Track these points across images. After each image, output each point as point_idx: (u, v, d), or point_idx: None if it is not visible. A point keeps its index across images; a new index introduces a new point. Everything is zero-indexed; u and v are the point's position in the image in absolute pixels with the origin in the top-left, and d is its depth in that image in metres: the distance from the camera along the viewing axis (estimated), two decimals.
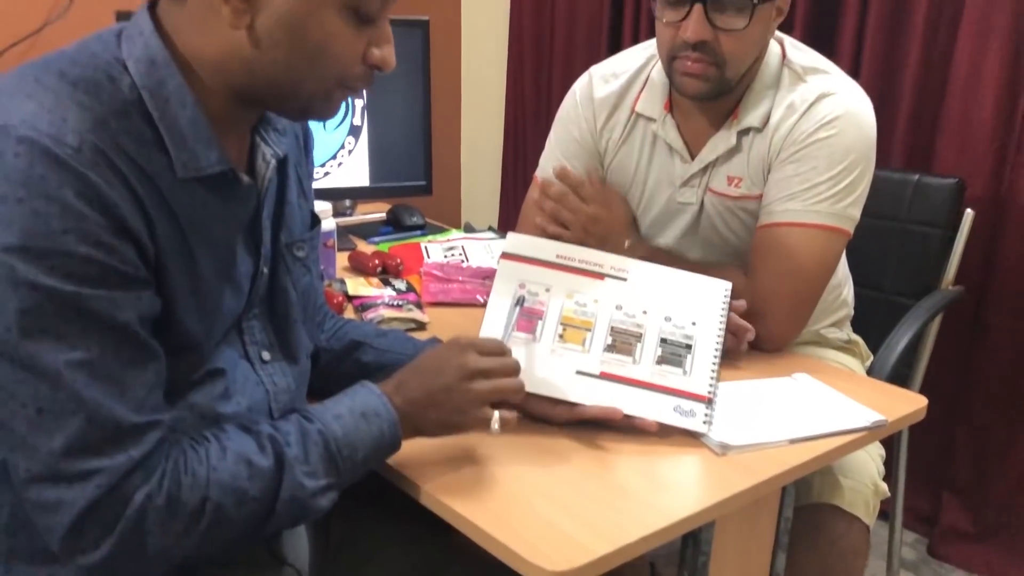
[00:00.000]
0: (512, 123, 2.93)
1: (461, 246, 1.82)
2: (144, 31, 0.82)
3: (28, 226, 0.71)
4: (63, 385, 0.74)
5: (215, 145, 0.84)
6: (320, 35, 0.81)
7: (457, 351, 0.97)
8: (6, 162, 0.71)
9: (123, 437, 0.77)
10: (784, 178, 1.32)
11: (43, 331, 0.73)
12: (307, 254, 1.01)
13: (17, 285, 0.71)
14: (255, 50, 0.81)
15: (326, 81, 0.85)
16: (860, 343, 1.59)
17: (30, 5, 2.07)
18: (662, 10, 1.30)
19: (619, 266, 1.20)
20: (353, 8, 0.82)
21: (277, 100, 0.87)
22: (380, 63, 0.86)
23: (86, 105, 0.76)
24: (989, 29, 1.82)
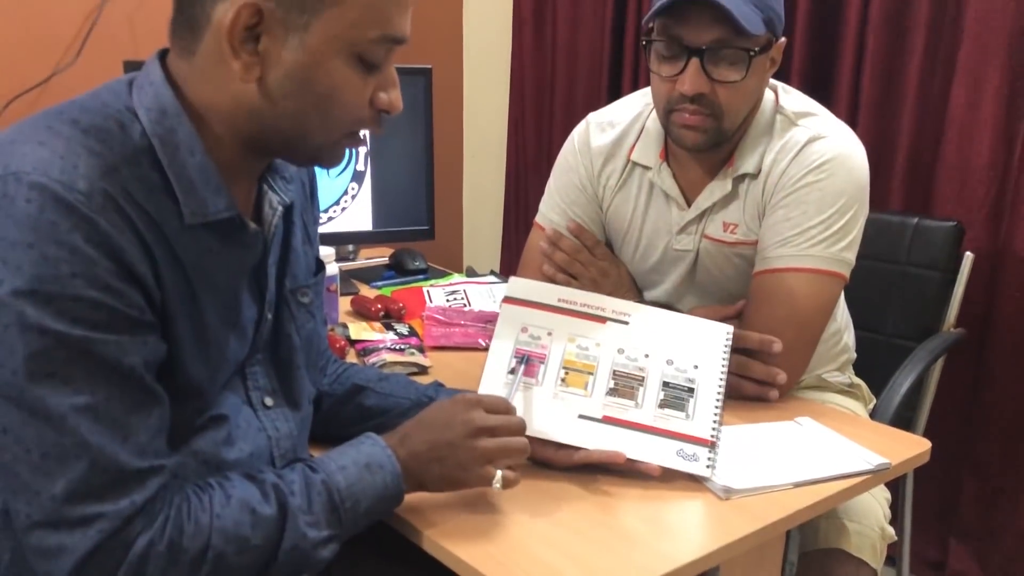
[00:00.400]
0: (513, 168, 2.95)
1: (463, 290, 1.83)
2: (155, 81, 0.84)
3: (38, 271, 0.72)
4: (68, 430, 0.74)
5: (223, 192, 0.85)
6: (328, 85, 0.83)
7: (463, 407, 0.98)
8: (17, 208, 0.73)
9: (126, 482, 0.77)
10: (776, 223, 1.33)
11: (50, 375, 0.73)
12: (311, 300, 1.02)
13: (26, 329, 0.72)
14: (265, 102, 0.83)
15: (335, 129, 0.87)
16: (862, 386, 1.58)
17: (38, 55, 2.10)
18: (658, 64, 1.31)
19: (621, 310, 1.20)
20: (359, 56, 0.83)
21: (286, 149, 0.88)
22: (388, 107, 0.88)
23: (97, 152, 0.77)
24: (984, 73, 1.85)
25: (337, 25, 0.81)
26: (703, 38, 1.25)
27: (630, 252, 1.51)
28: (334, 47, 0.82)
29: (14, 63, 2.07)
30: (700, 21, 1.24)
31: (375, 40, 0.83)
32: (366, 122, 0.88)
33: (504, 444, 0.98)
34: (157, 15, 2.41)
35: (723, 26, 1.23)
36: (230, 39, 0.80)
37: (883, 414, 1.49)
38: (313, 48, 0.81)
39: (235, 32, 0.79)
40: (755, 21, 1.24)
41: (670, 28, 1.27)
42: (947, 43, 1.91)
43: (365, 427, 1.12)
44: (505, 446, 0.98)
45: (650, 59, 1.33)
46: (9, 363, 0.73)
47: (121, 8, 2.18)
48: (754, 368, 1.28)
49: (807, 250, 1.30)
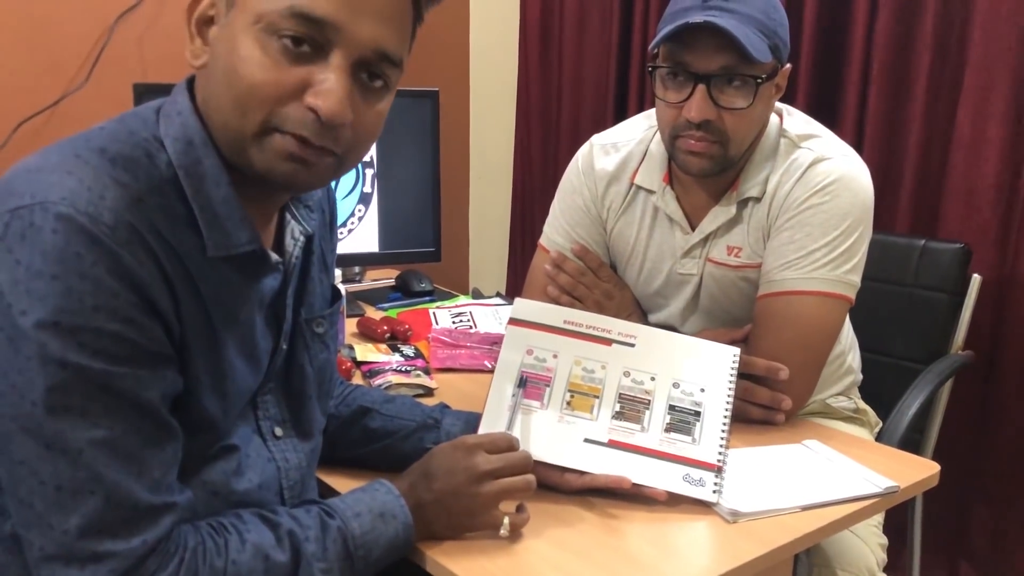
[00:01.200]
0: (520, 191, 2.96)
1: (469, 312, 1.83)
2: (182, 110, 0.83)
3: (61, 303, 0.72)
4: (84, 464, 0.74)
5: (247, 224, 0.84)
6: (233, 59, 0.78)
7: (464, 453, 0.98)
8: (43, 238, 0.72)
9: (139, 519, 0.76)
10: (780, 245, 1.33)
11: (68, 409, 0.73)
12: (326, 330, 1.01)
13: (47, 362, 0.72)
14: (205, 79, 0.83)
15: (248, 112, 0.78)
16: (868, 412, 1.57)
17: (49, 77, 2.12)
18: (664, 90, 1.31)
19: (627, 332, 1.20)
20: (275, 33, 0.77)
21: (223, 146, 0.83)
22: (313, 106, 0.78)
23: (123, 182, 0.77)
24: (990, 96, 1.85)
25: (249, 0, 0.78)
26: (710, 65, 1.25)
27: (634, 275, 1.51)
28: (245, 18, 0.78)
29: (25, 86, 2.09)
30: (707, 48, 1.24)
31: (282, 13, 0.76)
32: (291, 119, 0.78)
33: (509, 485, 0.97)
34: (166, 38, 2.44)
35: (730, 53, 1.23)
36: (188, 24, 0.81)
37: (891, 437, 1.48)
38: (232, 24, 0.79)
39: (192, 15, 0.81)
40: (762, 49, 1.24)
41: (676, 55, 1.27)
42: (952, 66, 1.92)
43: (371, 449, 1.13)
44: (510, 487, 0.97)
45: (655, 85, 1.33)
46: (29, 395, 0.73)
47: (130, 31, 2.20)
48: (760, 394, 1.28)
49: (812, 273, 1.30)
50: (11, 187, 0.76)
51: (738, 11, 1.23)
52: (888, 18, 1.96)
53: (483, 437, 1.01)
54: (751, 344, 1.32)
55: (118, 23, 2.17)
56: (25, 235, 0.72)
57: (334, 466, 1.12)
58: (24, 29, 2.08)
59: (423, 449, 1.11)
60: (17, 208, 0.73)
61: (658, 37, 1.28)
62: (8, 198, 0.75)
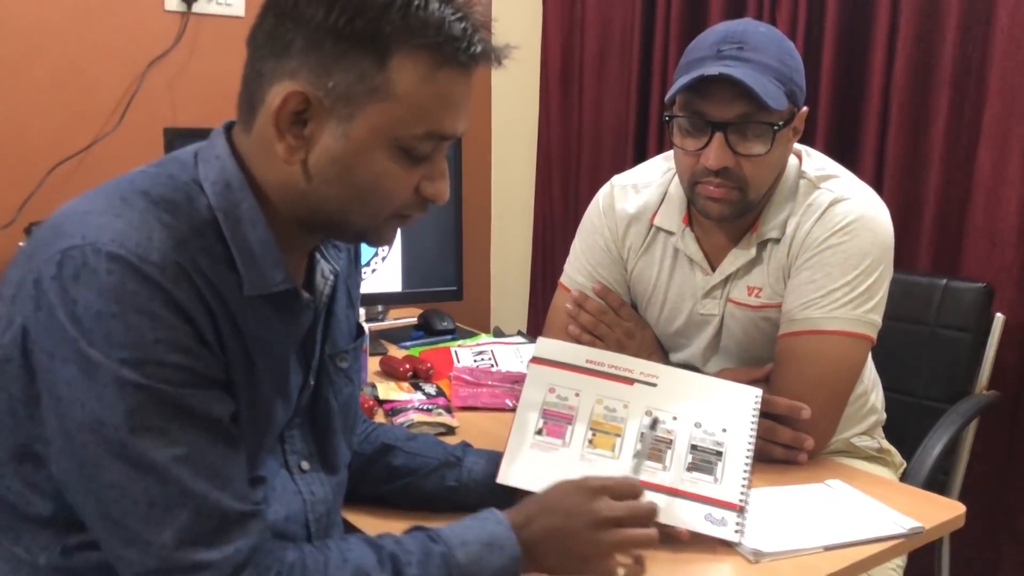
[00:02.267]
0: (541, 231, 2.98)
1: (491, 351, 1.84)
2: (221, 155, 0.87)
3: (124, 339, 0.75)
4: (171, 479, 0.77)
5: (281, 265, 0.87)
6: (369, 174, 0.84)
7: (588, 495, 0.96)
8: (100, 279, 0.76)
9: (229, 527, 0.79)
10: (801, 285, 1.33)
11: (148, 429, 0.76)
12: (350, 364, 1.03)
13: (123, 386, 0.75)
14: (308, 184, 0.85)
15: (378, 215, 0.88)
16: (892, 452, 1.56)
17: (81, 122, 2.17)
18: (682, 139, 1.33)
19: (649, 371, 1.20)
20: (403, 149, 0.84)
21: (331, 229, 0.91)
22: (432, 197, 0.89)
23: (168, 224, 0.80)
24: (1009, 136, 1.85)
25: (382, 119, 0.82)
26: (727, 113, 1.26)
27: (655, 315, 1.52)
28: (377, 139, 0.83)
29: (57, 130, 2.14)
30: (723, 97, 1.25)
31: (419, 136, 0.84)
32: (410, 208, 0.89)
33: (630, 538, 0.96)
34: (196, 84, 2.50)
35: (746, 102, 1.25)
36: (276, 122, 0.82)
37: (915, 477, 1.47)
38: (356, 138, 0.83)
39: (281, 116, 0.82)
40: (778, 96, 1.25)
41: (693, 104, 1.29)
42: (971, 106, 1.92)
43: (393, 487, 1.14)
44: (632, 540, 0.96)
45: (673, 133, 1.34)
46: (111, 420, 0.76)
47: (161, 77, 2.25)
48: (782, 433, 1.27)
49: (833, 312, 1.30)
50: (61, 229, 0.79)
51: (753, 60, 1.25)
52: (906, 59, 1.98)
53: (608, 480, 0.98)
54: (772, 383, 1.32)
55: (149, 69, 2.23)
56: (79, 275, 0.76)
57: (356, 503, 1.13)
58: (57, 75, 2.14)
59: (445, 487, 1.12)
60: (69, 248, 0.77)
61: (674, 88, 1.29)
62: (59, 239, 0.78)
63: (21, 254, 0.82)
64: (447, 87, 0.83)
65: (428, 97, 0.83)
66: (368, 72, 0.80)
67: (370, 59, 0.80)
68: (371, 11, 0.79)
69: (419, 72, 0.81)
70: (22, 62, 2.09)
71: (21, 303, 0.78)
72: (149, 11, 2.22)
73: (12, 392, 0.80)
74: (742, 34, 1.27)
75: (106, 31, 2.18)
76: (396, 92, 0.81)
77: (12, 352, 0.79)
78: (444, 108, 0.84)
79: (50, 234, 0.80)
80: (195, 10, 2.26)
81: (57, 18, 2.12)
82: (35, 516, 0.83)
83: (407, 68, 0.81)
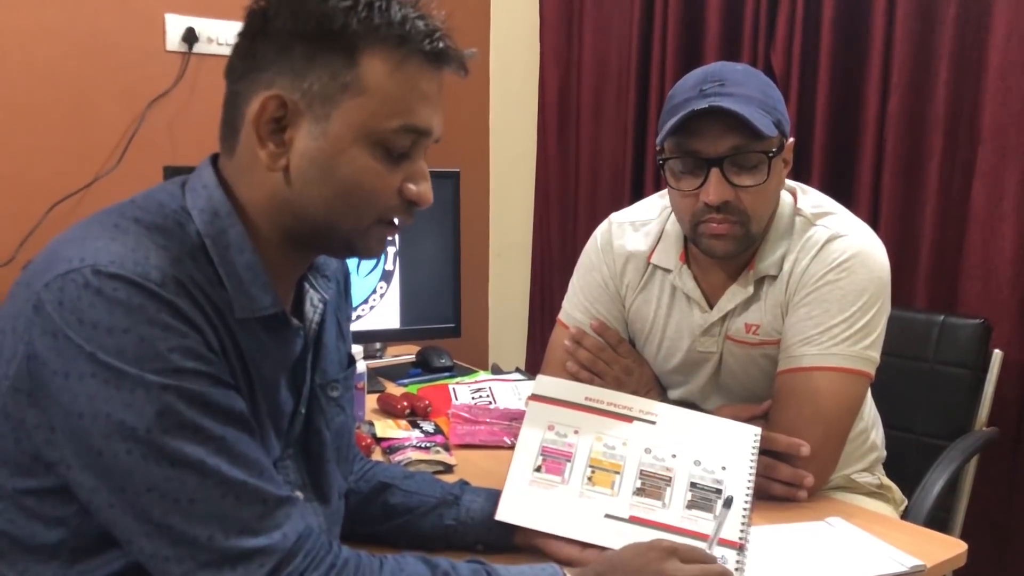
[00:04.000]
0: (539, 268, 2.99)
1: (489, 388, 1.83)
2: (208, 184, 0.88)
3: (138, 352, 0.77)
4: (209, 471, 0.78)
5: (269, 289, 0.89)
6: (349, 171, 0.86)
7: (658, 555, 0.97)
8: (106, 296, 0.77)
9: (271, 512, 0.81)
10: (799, 321, 1.33)
11: (182, 426, 0.78)
12: (341, 394, 1.04)
13: (150, 389, 0.77)
14: (292, 191, 0.87)
15: (363, 216, 0.89)
16: (893, 488, 1.55)
17: (82, 160, 2.18)
18: (677, 180, 1.33)
19: (647, 409, 1.20)
20: (382, 145, 0.86)
21: (319, 239, 0.91)
22: (416, 198, 0.90)
23: (162, 245, 0.82)
24: (1003, 173, 1.87)
25: (358, 115, 0.85)
26: (720, 148, 1.27)
27: (653, 352, 1.52)
28: (354, 135, 0.85)
29: (58, 169, 2.15)
30: (713, 132, 1.27)
31: (396, 130, 0.86)
32: (394, 211, 0.90)
33: None
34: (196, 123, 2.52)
35: (737, 134, 1.26)
36: (256, 129, 0.85)
37: (916, 515, 1.46)
38: (334, 135, 0.85)
39: (261, 122, 0.84)
40: (767, 123, 1.27)
41: (684, 144, 1.30)
42: (965, 144, 1.94)
43: (391, 525, 1.13)
44: None
45: (667, 177, 1.35)
46: (142, 423, 0.76)
47: (162, 116, 2.27)
48: (782, 470, 1.27)
49: (831, 349, 1.30)
50: (57, 255, 0.80)
51: (737, 93, 1.26)
52: (899, 98, 2.00)
53: (677, 544, 1.00)
54: (771, 420, 1.32)
55: (150, 108, 2.25)
56: (83, 295, 0.77)
57: (354, 541, 1.10)
58: (58, 113, 2.15)
59: (443, 526, 1.11)
60: (68, 272, 0.78)
61: (664, 131, 1.30)
62: (56, 264, 0.79)
63: (16, 286, 0.83)
64: (416, 79, 0.86)
65: (398, 89, 0.85)
66: (339, 70, 0.84)
67: (340, 58, 0.84)
68: (337, 13, 0.83)
69: (388, 65, 0.84)
70: (23, 99, 2.11)
71: (23, 332, 0.79)
72: (151, 51, 2.25)
73: (24, 422, 0.80)
74: (720, 73, 1.30)
75: (108, 70, 2.20)
76: (368, 86, 0.84)
77: (21, 382, 0.79)
78: (415, 100, 0.86)
79: (46, 261, 0.80)
80: (196, 50, 2.29)
81: (59, 57, 2.14)
82: (40, 547, 0.83)
83: (376, 63, 0.84)
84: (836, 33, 2.11)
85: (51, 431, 0.79)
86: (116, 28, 2.20)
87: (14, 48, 2.09)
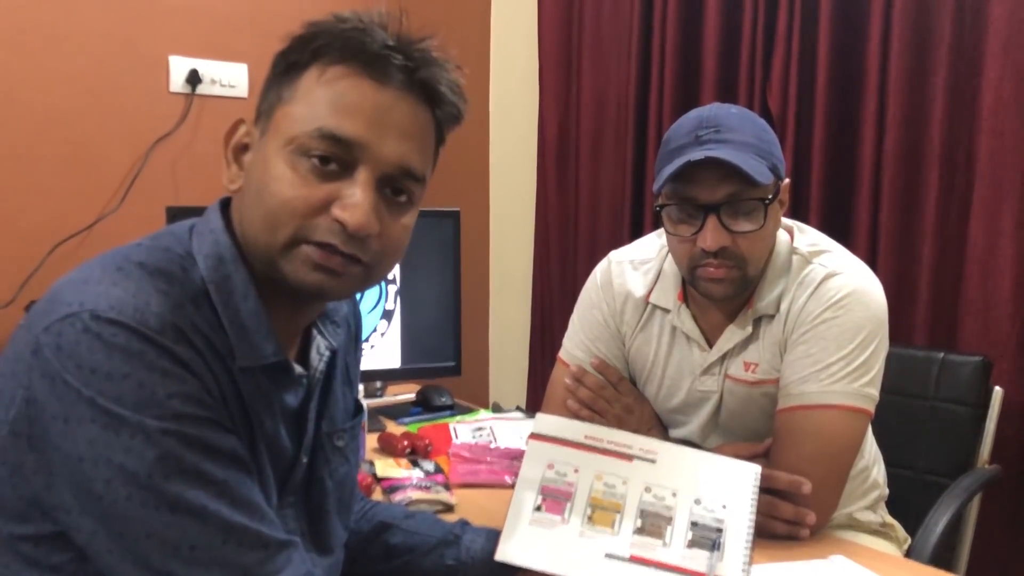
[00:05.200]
0: (539, 307, 3.00)
1: (489, 427, 1.83)
2: (215, 229, 0.88)
3: (137, 398, 0.76)
4: (210, 517, 0.77)
5: (272, 337, 0.88)
6: (267, 178, 0.84)
7: None
8: (105, 342, 0.76)
9: (272, 556, 0.80)
10: (797, 359, 1.34)
11: (183, 471, 0.77)
12: (347, 443, 1.03)
13: (149, 435, 0.76)
14: (240, 201, 0.89)
15: (278, 229, 0.84)
16: (896, 527, 1.54)
17: (85, 201, 2.20)
18: (675, 226, 1.34)
19: (647, 448, 1.20)
20: (304, 153, 0.83)
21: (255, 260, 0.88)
22: (339, 218, 0.83)
23: (164, 291, 0.81)
24: (1000, 210, 1.88)
25: (283, 122, 0.85)
26: (716, 195, 1.28)
27: (654, 391, 1.52)
28: (278, 142, 0.85)
29: (61, 209, 2.17)
30: (710, 179, 1.28)
31: (310, 134, 0.83)
32: (317, 230, 0.83)
33: None
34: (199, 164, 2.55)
35: (733, 181, 1.27)
36: (224, 150, 0.88)
37: (920, 553, 1.45)
38: (264, 146, 0.86)
39: (228, 143, 0.88)
40: (762, 171, 1.28)
41: (681, 191, 1.31)
42: (961, 181, 1.96)
43: (391, 566, 1.12)
44: None
45: (664, 222, 1.36)
46: (142, 469, 0.75)
47: (165, 157, 2.30)
48: (783, 509, 1.26)
49: (830, 386, 1.30)
50: (59, 298, 0.80)
51: (731, 140, 1.28)
52: (895, 137, 2.02)
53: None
54: (772, 458, 1.32)
55: (153, 149, 2.27)
56: (81, 340, 0.76)
57: None
58: (61, 153, 2.18)
59: (443, 565, 1.11)
60: (67, 316, 0.77)
61: (661, 179, 1.31)
62: (57, 307, 0.78)
63: (19, 329, 0.83)
64: (343, 87, 0.84)
65: (323, 95, 0.84)
66: (284, 90, 0.87)
67: (287, 81, 0.87)
68: (300, 42, 0.86)
69: (317, 73, 0.85)
70: (27, 140, 2.13)
71: (22, 376, 0.78)
72: (154, 92, 2.28)
73: (22, 466, 0.79)
74: (715, 118, 1.31)
75: (111, 111, 2.23)
76: (296, 95, 0.86)
77: (20, 426, 0.78)
78: (340, 107, 0.83)
79: (47, 305, 0.80)
80: (199, 91, 2.32)
81: (63, 98, 2.17)
82: None
83: (312, 73, 0.85)
84: (832, 72, 2.14)
85: (50, 475, 0.78)
86: (120, 70, 2.24)
87: (19, 88, 2.12)
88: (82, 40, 2.18)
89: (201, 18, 2.35)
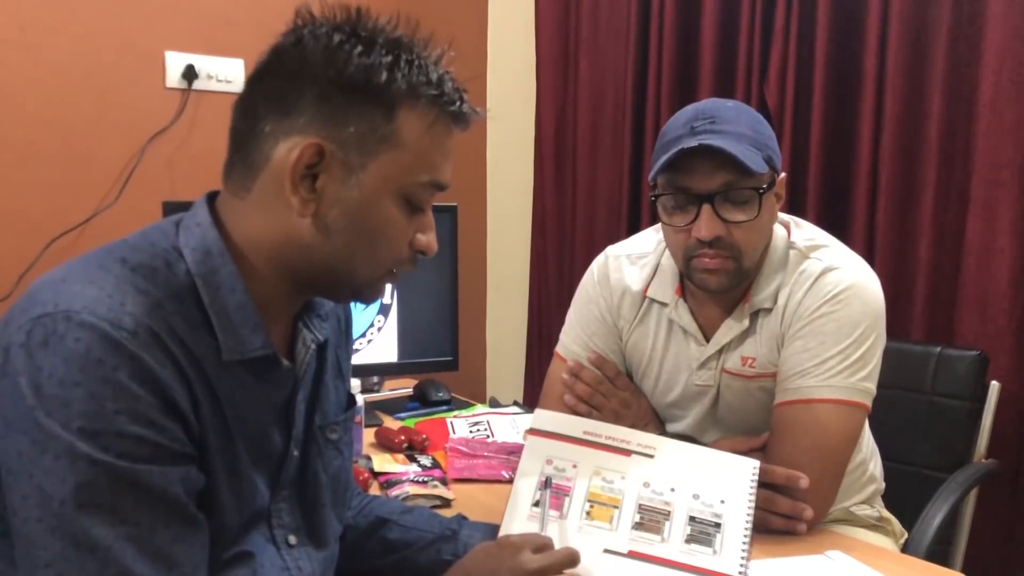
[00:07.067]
0: (536, 301, 3.00)
1: (487, 421, 1.83)
2: (202, 222, 0.88)
3: (84, 408, 0.74)
4: (112, 560, 0.74)
5: (260, 330, 0.88)
6: (378, 222, 0.88)
7: (510, 552, 0.98)
8: (66, 347, 0.75)
9: None
10: (795, 354, 1.34)
11: (98, 505, 0.74)
12: (340, 436, 1.03)
13: (76, 459, 0.74)
14: (317, 236, 0.87)
15: (379, 265, 0.91)
16: (893, 521, 1.55)
17: (81, 196, 2.20)
18: (670, 216, 1.34)
19: (646, 443, 1.20)
20: (406, 198, 0.89)
21: (331, 284, 0.91)
22: (425, 248, 0.92)
23: (143, 289, 0.81)
24: (997, 205, 1.88)
25: (392, 167, 0.86)
26: (711, 184, 1.29)
27: (651, 386, 1.52)
28: (387, 187, 0.87)
29: (57, 204, 2.16)
30: (705, 169, 1.28)
31: (423, 184, 0.89)
32: (404, 262, 0.92)
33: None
34: (195, 159, 2.54)
35: (728, 170, 1.27)
36: (292, 176, 0.84)
37: (917, 548, 1.45)
38: (368, 186, 0.86)
39: (297, 170, 0.84)
40: (757, 160, 1.28)
41: (676, 181, 1.31)
42: (959, 176, 1.96)
43: (389, 560, 1.12)
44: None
45: (660, 212, 1.36)
46: (59, 493, 0.74)
47: (161, 152, 2.29)
48: (780, 503, 1.26)
49: (827, 381, 1.30)
50: (35, 297, 0.79)
51: (727, 131, 1.28)
52: (893, 131, 2.02)
53: (525, 536, 1.01)
54: (769, 453, 1.32)
55: (149, 144, 2.27)
56: (48, 342, 0.75)
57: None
58: (58, 148, 2.17)
59: (441, 561, 1.11)
60: (40, 316, 0.77)
61: (656, 167, 1.32)
62: (32, 307, 0.78)
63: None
64: (444, 138, 0.90)
65: (431, 146, 0.88)
66: (379, 123, 0.85)
67: (380, 111, 0.85)
68: (381, 68, 0.84)
69: (423, 123, 0.87)
70: (24, 134, 2.13)
71: None
72: (150, 87, 2.28)
73: None
74: (711, 110, 1.31)
75: (108, 106, 2.22)
76: (404, 141, 0.86)
77: None
78: (442, 157, 0.90)
79: (25, 303, 0.79)
80: (196, 87, 2.31)
81: (60, 92, 2.16)
82: None
83: (413, 119, 0.86)
84: (829, 67, 2.14)
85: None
86: (117, 65, 2.23)
87: (16, 83, 2.11)
88: (79, 35, 2.18)
89: (197, 13, 2.34)
